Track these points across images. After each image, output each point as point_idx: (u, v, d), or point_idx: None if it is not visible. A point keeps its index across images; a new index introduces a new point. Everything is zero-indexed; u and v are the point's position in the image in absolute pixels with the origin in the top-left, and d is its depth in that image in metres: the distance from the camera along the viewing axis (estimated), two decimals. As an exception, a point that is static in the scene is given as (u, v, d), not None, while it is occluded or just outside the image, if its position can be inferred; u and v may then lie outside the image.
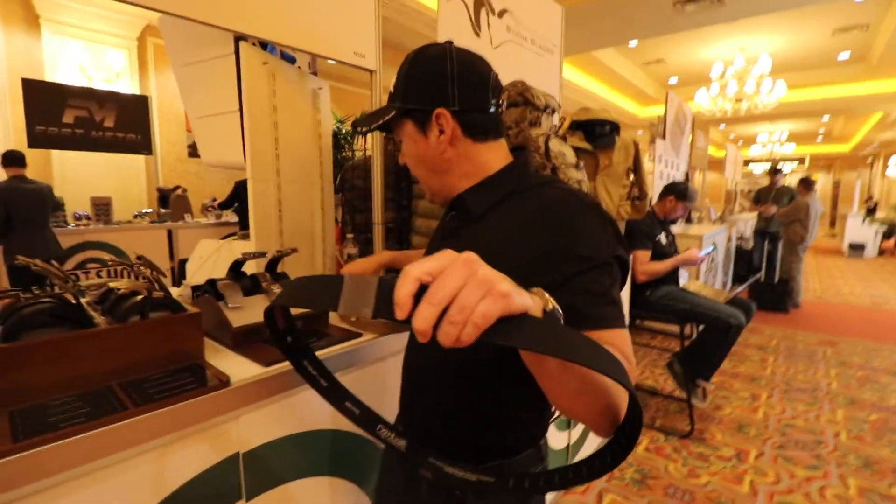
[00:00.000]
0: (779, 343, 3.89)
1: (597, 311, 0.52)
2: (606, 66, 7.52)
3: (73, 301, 0.74)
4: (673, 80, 8.94)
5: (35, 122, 4.14)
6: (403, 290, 0.32)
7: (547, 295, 0.41)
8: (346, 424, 0.94)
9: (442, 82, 0.64)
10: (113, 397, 0.67)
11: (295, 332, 0.56)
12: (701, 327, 2.54)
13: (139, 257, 0.80)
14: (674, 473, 2.06)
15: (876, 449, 2.26)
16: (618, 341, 0.52)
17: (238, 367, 0.79)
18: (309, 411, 0.88)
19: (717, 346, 2.41)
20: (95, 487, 0.62)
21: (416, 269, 0.32)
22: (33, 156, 4.44)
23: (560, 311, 0.41)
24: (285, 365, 0.82)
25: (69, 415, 0.62)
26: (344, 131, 3.08)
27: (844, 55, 7.31)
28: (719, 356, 2.46)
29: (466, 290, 0.31)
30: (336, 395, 0.59)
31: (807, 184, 4.95)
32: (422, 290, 0.32)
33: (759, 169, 14.74)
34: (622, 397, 0.45)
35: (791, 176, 13.14)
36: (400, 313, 0.31)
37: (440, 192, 0.71)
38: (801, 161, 15.82)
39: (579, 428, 2.00)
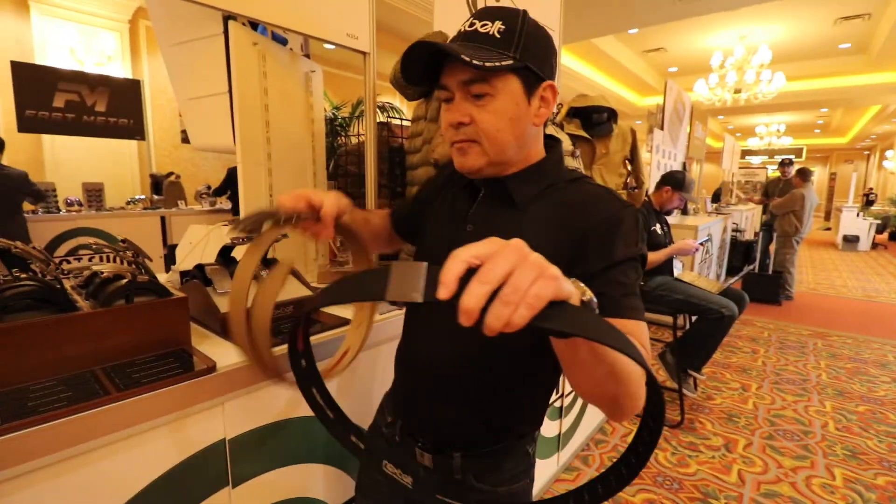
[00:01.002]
0: (770, 335, 3.92)
1: (624, 302, 0.56)
2: (605, 54, 7.45)
3: (56, 284, 0.73)
4: (673, 69, 8.88)
5: (25, 107, 4.07)
6: (451, 271, 0.32)
7: (582, 285, 0.42)
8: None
9: (551, 56, 0.63)
10: (96, 382, 0.66)
11: (310, 358, 0.55)
12: (694, 318, 2.55)
13: (123, 241, 0.79)
14: (663, 462, 2.08)
15: (863, 439, 2.29)
16: (637, 332, 0.55)
17: (225, 353, 0.78)
18: (296, 398, 0.87)
19: (709, 336, 2.42)
20: (77, 472, 0.61)
21: (465, 252, 0.33)
22: (23, 141, 4.38)
23: (595, 301, 0.41)
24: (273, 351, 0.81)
25: (50, 399, 0.61)
26: (339, 119, 3.04)
27: (845, 45, 7.26)
28: (711, 347, 2.47)
29: (519, 272, 0.32)
30: (342, 428, 0.59)
31: (804, 174, 4.95)
32: (468, 274, 0.32)
33: (757, 160, 14.75)
34: (641, 385, 0.48)
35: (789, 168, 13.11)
36: (444, 292, 0.31)
37: (499, 164, 0.64)
38: (798, 153, 15.84)
39: (570, 417, 2.01)
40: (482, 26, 0.59)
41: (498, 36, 0.59)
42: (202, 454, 0.73)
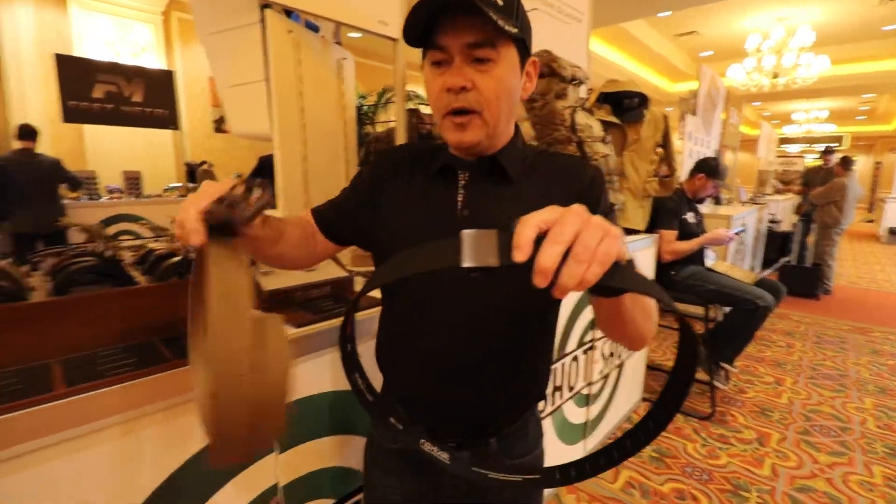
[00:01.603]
0: (807, 329, 3.79)
1: None
2: (635, 38, 7.22)
3: (114, 261, 0.78)
4: (706, 54, 8.55)
5: (68, 98, 4.25)
6: (525, 234, 0.33)
7: None
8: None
9: (531, 34, 0.62)
10: (155, 350, 0.70)
11: (354, 344, 0.54)
12: (726, 310, 2.49)
13: (174, 220, 0.83)
14: (693, 454, 2.06)
15: (905, 436, 2.20)
16: None
17: (270, 328, 0.82)
18: (336, 372, 0.90)
19: (742, 327, 2.36)
20: (141, 432, 0.66)
21: (534, 218, 0.34)
22: (67, 131, 4.58)
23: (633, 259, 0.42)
24: (314, 328, 0.84)
25: (117, 364, 0.66)
26: (366, 107, 3.07)
27: (891, 27, 6.83)
28: (744, 338, 2.41)
29: (587, 232, 0.33)
30: (381, 410, 0.59)
31: (846, 163, 4.72)
32: (538, 239, 0.33)
33: (795, 149, 14.11)
34: (657, 314, 0.58)
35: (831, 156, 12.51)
36: (520, 255, 0.33)
37: (493, 136, 0.62)
38: (840, 141, 15.06)
39: (598, 405, 2.01)
40: None
41: (500, 3, 0.55)
42: (251, 422, 0.77)
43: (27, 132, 3.42)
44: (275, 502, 0.83)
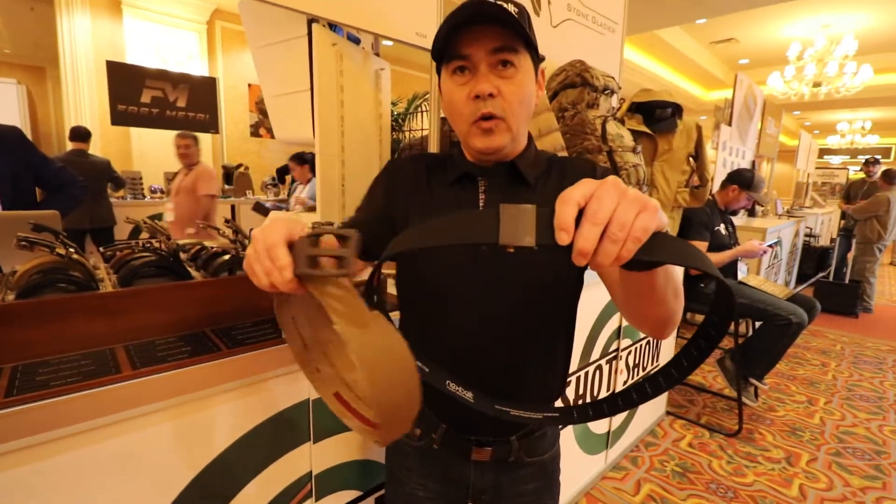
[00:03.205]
0: (844, 348, 3.64)
1: None
2: (670, 46, 7.11)
3: (173, 256, 0.85)
4: (743, 62, 8.32)
5: (117, 102, 4.51)
6: (567, 215, 0.32)
7: None
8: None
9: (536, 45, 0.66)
10: (208, 340, 0.77)
11: (381, 295, 0.55)
12: (757, 325, 2.43)
13: (227, 220, 0.90)
14: (718, 470, 2.02)
15: (948, 464, 2.10)
16: None
17: (309, 324, 0.87)
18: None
19: (774, 343, 2.30)
20: (193, 416, 0.72)
21: (573, 193, 0.33)
22: (115, 133, 4.86)
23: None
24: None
25: (174, 351, 0.72)
26: (396, 113, 3.14)
27: (948, 34, 6.50)
28: (776, 355, 2.35)
29: (622, 208, 0.33)
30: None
31: (889, 176, 4.52)
32: (577, 217, 0.32)
33: (837, 160, 13.53)
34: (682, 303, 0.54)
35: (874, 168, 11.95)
36: (566, 237, 0.32)
37: (515, 141, 0.64)
38: (887, 153, 14.34)
39: (621, 416, 1.99)
40: (503, 3, 0.58)
41: (515, 15, 0.58)
42: (290, 410, 0.82)
43: (80, 134, 3.64)
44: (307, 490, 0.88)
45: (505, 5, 0.58)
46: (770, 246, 2.53)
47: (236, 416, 0.76)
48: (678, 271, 0.50)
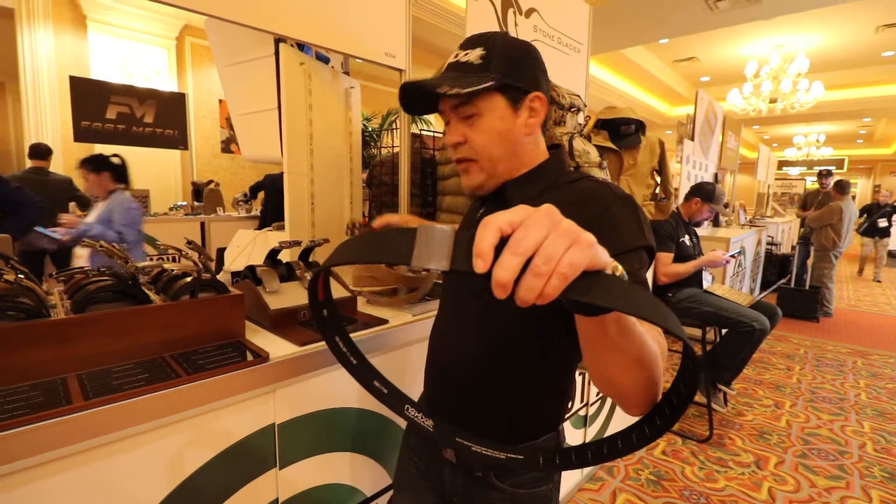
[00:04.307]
0: (807, 352, 3.79)
1: None
2: (635, 64, 7.40)
3: (131, 280, 0.82)
4: (705, 79, 8.73)
5: (81, 118, 4.38)
6: (485, 240, 0.29)
7: (613, 260, 0.36)
8: (371, 404, 1.01)
9: (536, 69, 0.68)
10: (167, 366, 0.74)
11: (332, 308, 0.55)
12: (724, 331, 2.51)
13: (189, 242, 0.88)
14: (690, 477, 2.06)
15: (905, 462, 2.20)
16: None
17: (275, 346, 0.86)
18: (338, 389, 0.94)
19: (739, 350, 2.38)
20: (150, 445, 0.69)
21: (497, 219, 0.30)
22: (79, 150, 4.70)
23: (626, 275, 0.35)
24: (319, 345, 0.88)
25: (130, 379, 0.70)
26: (370, 129, 3.15)
27: (889, 53, 7.00)
28: (741, 361, 2.43)
29: (552, 240, 0.30)
30: (365, 373, 0.60)
31: (841, 187, 4.78)
32: (501, 243, 0.30)
33: (795, 171, 14.22)
34: (661, 369, 0.45)
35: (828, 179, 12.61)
36: (482, 266, 0.29)
37: (496, 176, 0.68)
38: (840, 164, 15.19)
39: (595, 426, 2.02)
40: (463, 55, 0.66)
41: (479, 62, 0.65)
42: (255, 436, 0.80)
43: (40, 151, 3.51)
44: (275, 516, 0.85)
45: (469, 53, 0.65)
46: (732, 256, 2.63)
47: (197, 445, 0.74)
48: (641, 333, 0.42)
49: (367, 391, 0.60)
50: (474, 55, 0.65)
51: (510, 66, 0.65)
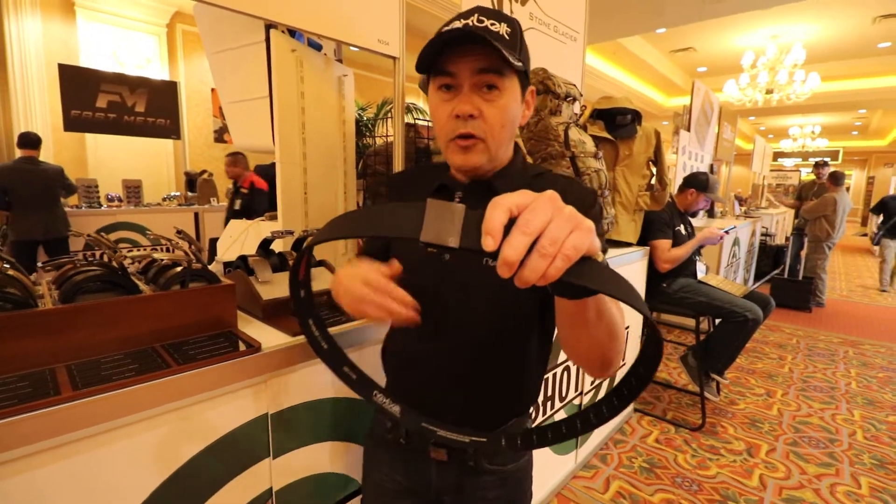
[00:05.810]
0: (799, 341, 3.83)
1: None
2: (632, 54, 7.37)
3: (121, 269, 0.81)
4: (702, 70, 8.70)
5: (70, 107, 4.31)
6: (496, 219, 0.30)
7: None
8: (365, 394, 1.00)
9: (529, 64, 0.66)
10: (157, 356, 0.74)
11: (309, 290, 0.54)
12: (717, 321, 2.53)
13: (179, 231, 0.87)
14: (683, 464, 2.08)
15: (893, 449, 2.23)
16: None
17: (267, 336, 0.85)
18: (331, 379, 0.94)
19: (732, 340, 2.40)
20: (141, 435, 0.69)
21: (506, 200, 0.31)
22: (68, 139, 4.64)
23: (607, 261, 0.41)
24: (310, 336, 0.87)
25: (121, 369, 0.69)
26: (365, 118, 3.12)
27: (885, 45, 6.99)
28: (734, 350, 2.45)
29: (556, 223, 0.31)
30: (335, 358, 0.60)
31: (835, 178, 4.80)
32: (508, 224, 0.30)
33: (790, 163, 14.27)
34: (624, 341, 0.52)
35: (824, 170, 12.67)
36: (491, 243, 0.30)
37: (494, 161, 0.66)
38: (835, 156, 15.26)
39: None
40: (492, 25, 0.59)
41: (507, 38, 0.59)
42: (248, 426, 0.80)
43: (30, 140, 3.46)
44: (269, 505, 0.85)
45: (497, 25, 0.59)
46: (726, 231, 2.63)
47: (189, 436, 0.73)
48: (614, 311, 0.48)
49: (336, 376, 0.60)
50: (503, 29, 0.60)
51: (526, 54, 0.64)
